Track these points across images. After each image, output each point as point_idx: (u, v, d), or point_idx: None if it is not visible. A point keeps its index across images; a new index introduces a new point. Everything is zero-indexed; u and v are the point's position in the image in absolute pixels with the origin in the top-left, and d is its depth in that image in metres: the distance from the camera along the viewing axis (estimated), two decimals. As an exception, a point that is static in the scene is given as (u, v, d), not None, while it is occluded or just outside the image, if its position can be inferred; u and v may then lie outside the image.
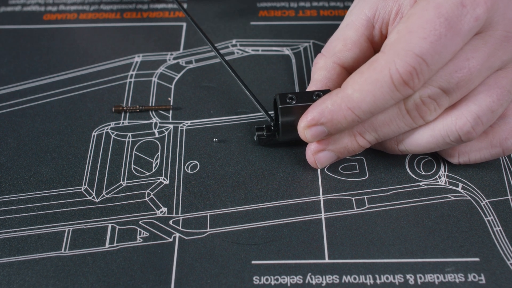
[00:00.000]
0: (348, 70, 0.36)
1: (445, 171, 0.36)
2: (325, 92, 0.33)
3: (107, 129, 0.39)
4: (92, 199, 0.35)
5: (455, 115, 0.32)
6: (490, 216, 0.34)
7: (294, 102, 0.33)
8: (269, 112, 0.36)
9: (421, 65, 0.29)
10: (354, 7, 0.36)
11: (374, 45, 0.36)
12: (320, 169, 0.36)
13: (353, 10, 0.36)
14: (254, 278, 0.31)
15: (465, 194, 0.35)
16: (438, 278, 0.31)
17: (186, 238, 0.33)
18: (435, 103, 0.31)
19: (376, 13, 0.35)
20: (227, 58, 0.45)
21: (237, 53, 0.45)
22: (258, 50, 0.45)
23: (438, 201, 0.35)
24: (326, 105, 0.31)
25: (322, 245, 0.33)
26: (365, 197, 0.35)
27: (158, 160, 0.37)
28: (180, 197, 0.35)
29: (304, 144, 0.35)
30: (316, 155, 0.35)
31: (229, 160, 0.37)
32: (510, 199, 0.35)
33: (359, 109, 0.30)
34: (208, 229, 0.34)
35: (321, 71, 0.36)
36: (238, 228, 0.34)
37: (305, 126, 0.32)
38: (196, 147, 0.38)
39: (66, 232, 0.34)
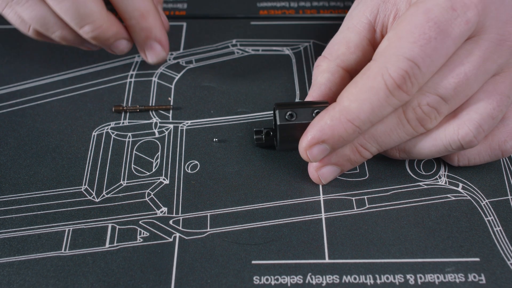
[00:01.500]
0: (350, 73, 0.35)
1: (445, 171, 0.36)
2: (323, 107, 0.33)
3: (107, 129, 0.39)
4: (92, 199, 0.35)
5: (457, 125, 0.32)
6: (490, 216, 0.34)
7: (293, 119, 0.33)
8: (267, 113, 0.36)
9: (413, 69, 0.29)
10: (354, 10, 0.36)
11: (375, 48, 0.36)
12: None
13: (353, 13, 0.36)
14: (254, 278, 0.31)
15: (465, 194, 0.35)
16: (438, 278, 0.31)
17: (186, 238, 0.33)
18: (435, 111, 0.31)
19: (377, 16, 0.35)
20: (227, 58, 0.45)
21: (237, 53, 0.45)
22: (258, 50, 0.45)
23: (438, 201, 0.35)
24: (325, 121, 0.31)
25: (322, 245, 0.33)
26: (365, 197, 0.35)
27: (158, 160, 0.37)
28: (180, 197, 0.35)
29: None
30: (319, 170, 0.34)
31: (229, 160, 0.37)
32: (510, 199, 0.35)
33: (359, 119, 0.30)
34: (208, 229, 0.34)
35: (324, 74, 0.35)
36: (238, 228, 0.34)
37: (306, 147, 0.32)
38: (196, 147, 0.38)
39: (66, 232, 0.34)
